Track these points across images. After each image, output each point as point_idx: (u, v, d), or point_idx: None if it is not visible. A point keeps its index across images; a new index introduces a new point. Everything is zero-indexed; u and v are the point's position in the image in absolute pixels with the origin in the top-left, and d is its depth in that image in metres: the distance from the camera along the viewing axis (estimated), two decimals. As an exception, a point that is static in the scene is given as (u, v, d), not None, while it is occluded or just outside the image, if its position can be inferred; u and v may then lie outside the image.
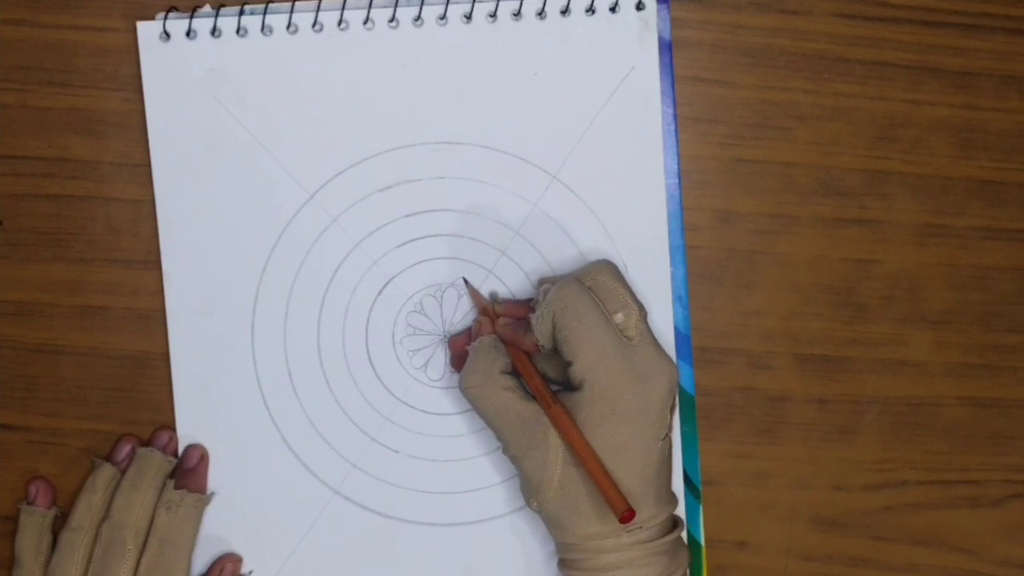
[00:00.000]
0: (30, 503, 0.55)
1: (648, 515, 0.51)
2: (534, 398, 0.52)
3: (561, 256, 0.57)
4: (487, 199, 0.56)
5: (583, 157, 0.56)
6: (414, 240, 0.57)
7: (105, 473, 0.55)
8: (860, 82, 0.57)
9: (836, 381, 0.58)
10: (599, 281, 0.52)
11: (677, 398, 0.53)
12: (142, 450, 0.55)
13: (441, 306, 0.57)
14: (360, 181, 0.56)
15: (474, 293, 0.56)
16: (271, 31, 0.55)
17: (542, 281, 0.55)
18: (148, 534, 0.54)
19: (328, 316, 0.57)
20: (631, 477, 0.50)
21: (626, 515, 0.49)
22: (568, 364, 0.51)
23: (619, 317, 0.51)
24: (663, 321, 0.57)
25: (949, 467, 0.59)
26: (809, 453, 0.59)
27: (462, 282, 0.57)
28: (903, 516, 0.59)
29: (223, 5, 0.55)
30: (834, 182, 0.58)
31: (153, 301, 0.56)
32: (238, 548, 0.57)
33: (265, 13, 0.55)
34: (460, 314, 0.57)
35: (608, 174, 0.56)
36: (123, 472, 0.55)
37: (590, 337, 0.50)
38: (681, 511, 0.57)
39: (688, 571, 0.53)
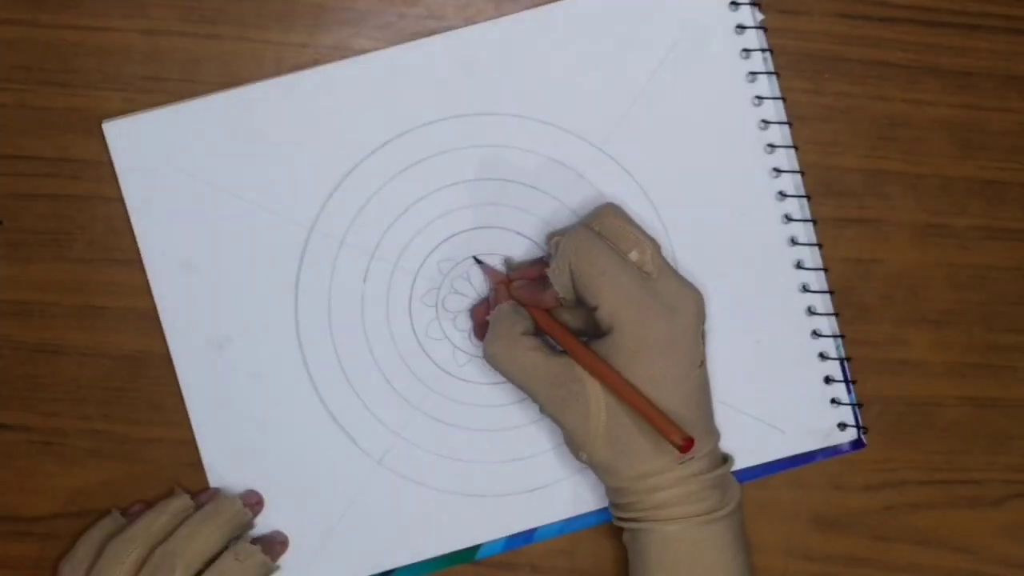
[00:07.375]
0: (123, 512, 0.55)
1: (697, 445, 0.50)
2: (562, 353, 0.52)
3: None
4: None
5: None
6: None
7: (180, 502, 0.54)
8: (860, 82, 0.57)
9: (836, 381, 0.58)
10: (607, 224, 0.52)
11: (706, 326, 0.52)
12: (225, 495, 0.55)
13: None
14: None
15: (487, 270, 0.56)
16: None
17: (551, 235, 0.54)
18: (201, 572, 0.52)
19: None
20: (674, 408, 0.50)
21: (685, 444, 0.49)
22: (593, 309, 0.51)
23: (634, 255, 0.51)
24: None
25: (949, 467, 0.59)
26: (809, 453, 0.59)
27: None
28: (903, 516, 0.59)
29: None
30: (834, 182, 0.58)
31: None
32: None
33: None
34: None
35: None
36: (198, 508, 0.54)
37: (609, 278, 0.50)
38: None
39: (741, 507, 0.52)
